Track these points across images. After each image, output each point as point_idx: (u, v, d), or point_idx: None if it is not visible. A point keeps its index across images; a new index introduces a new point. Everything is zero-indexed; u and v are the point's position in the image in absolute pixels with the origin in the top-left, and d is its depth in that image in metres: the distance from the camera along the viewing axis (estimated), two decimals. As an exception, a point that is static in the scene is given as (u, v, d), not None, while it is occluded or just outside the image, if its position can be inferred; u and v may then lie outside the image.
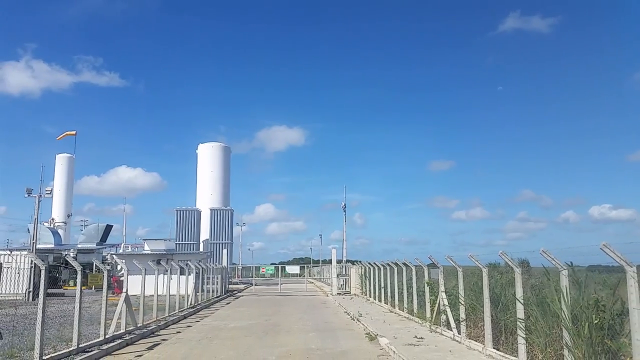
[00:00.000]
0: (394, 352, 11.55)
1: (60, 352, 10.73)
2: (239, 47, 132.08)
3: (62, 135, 57.21)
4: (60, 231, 53.51)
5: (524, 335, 9.48)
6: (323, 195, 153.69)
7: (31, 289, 31.06)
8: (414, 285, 18.27)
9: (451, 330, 13.64)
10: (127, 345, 13.33)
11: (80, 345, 11.54)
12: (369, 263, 29.15)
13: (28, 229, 64.90)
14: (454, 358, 10.75)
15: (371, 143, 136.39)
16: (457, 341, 12.77)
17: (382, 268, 24.58)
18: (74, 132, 55.00)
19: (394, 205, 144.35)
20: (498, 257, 10.72)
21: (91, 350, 11.69)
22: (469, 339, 12.42)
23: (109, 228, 47.25)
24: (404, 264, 19.99)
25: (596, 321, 7.50)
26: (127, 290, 14.86)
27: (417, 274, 18.13)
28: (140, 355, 11.89)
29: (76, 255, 41.85)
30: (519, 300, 9.73)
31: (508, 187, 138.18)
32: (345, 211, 42.74)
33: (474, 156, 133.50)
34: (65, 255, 20.77)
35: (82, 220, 71.62)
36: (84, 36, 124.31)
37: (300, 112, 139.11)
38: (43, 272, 10.10)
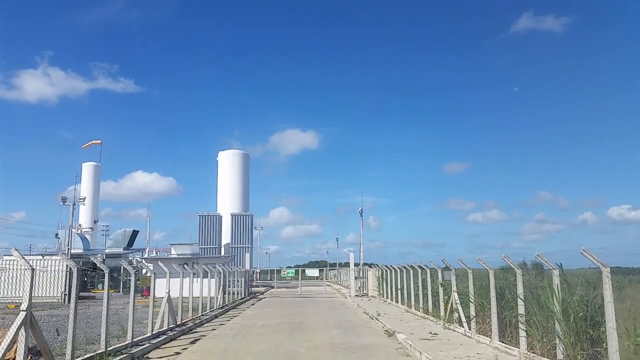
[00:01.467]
0: (411, 345, 12.97)
1: (120, 345, 12.37)
2: (252, 51, 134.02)
3: (87, 144, 59.74)
4: (87, 236, 55.81)
5: (524, 329, 10.85)
6: (337, 198, 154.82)
7: (67, 292, 33.07)
8: (429, 286, 19.64)
9: (463, 327, 15.02)
10: (171, 340, 14.97)
11: (134, 340, 13.19)
12: (386, 266, 30.57)
13: (56, 235, 67.56)
14: (464, 350, 12.15)
15: (384, 146, 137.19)
16: (468, 336, 14.15)
17: (398, 271, 25.97)
18: (99, 141, 57.47)
19: (408, 208, 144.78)
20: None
21: (143, 344, 13.31)
22: (479, 334, 13.79)
23: (135, 233, 49.39)
24: (419, 266, 21.36)
25: (580, 314, 8.87)
26: (168, 291, 16.52)
27: (431, 276, 19.49)
28: (185, 349, 13.50)
29: (104, 259, 43.92)
30: (520, 298, 11.11)
31: (524, 188, 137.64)
32: (362, 216, 44.11)
33: (489, 158, 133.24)
34: (98, 257, 22.49)
35: (104, 225, 74.31)
36: (99, 43, 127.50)
37: (314, 116, 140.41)
38: (103, 276, 11.73)
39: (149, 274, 33.59)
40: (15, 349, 8.68)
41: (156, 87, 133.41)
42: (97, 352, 11.10)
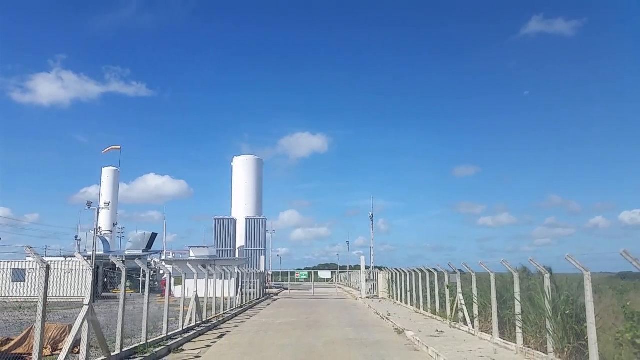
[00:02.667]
0: (419, 341, 14.28)
1: (157, 338, 13.81)
2: (262, 54, 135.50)
3: (107, 149, 61.50)
4: (107, 239, 57.68)
5: (520, 326, 12.12)
6: (347, 201, 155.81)
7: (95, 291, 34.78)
8: (436, 288, 20.90)
9: (467, 326, 16.28)
10: (200, 335, 16.42)
11: (168, 334, 14.64)
12: (396, 269, 31.85)
13: (76, 237, 69.60)
14: (466, 345, 13.42)
15: (394, 149, 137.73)
16: (472, 334, 15.41)
17: (407, 274, 27.24)
18: (119, 147, 59.19)
19: (418, 211, 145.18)
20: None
21: (176, 338, 14.76)
22: (481, 331, 15.04)
23: (154, 236, 51.10)
24: (427, 270, 22.62)
25: (567, 312, 10.13)
26: (196, 290, 17.99)
27: (439, 279, 20.74)
28: (214, 342, 14.93)
29: (124, 260, 45.67)
30: (516, 299, 12.39)
31: (535, 192, 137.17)
32: (372, 220, 45.38)
33: (499, 161, 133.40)
34: (122, 258, 24.04)
35: (119, 228, 76.32)
36: (112, 47, 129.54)
37: (323, 119, 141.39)
38: (123, 274, 13.10)
39: (165, 276, 35.32)
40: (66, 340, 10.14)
41: (167, 91, 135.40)
42: (140, 343, 12.55)
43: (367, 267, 41.64)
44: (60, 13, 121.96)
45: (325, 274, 49.99)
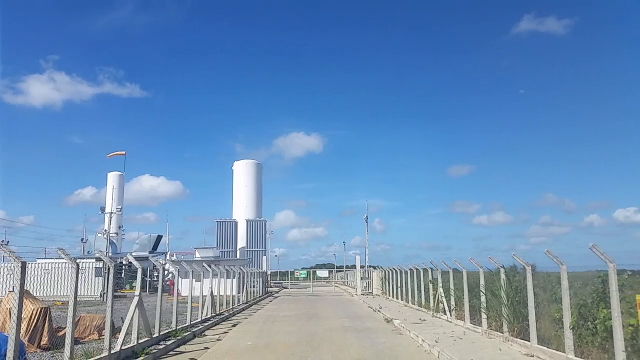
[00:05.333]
0: (403, 327, 16.95)
1: (183, 325, 16.41)
2: (255, 54, 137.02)
3: (112, 154, 63.90)
4: (113, 241, 60.15)
5: (485, 312, 14.82)
6: (343, 201, 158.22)
7: (105, 291, 37.31)
8: (422, 284, 23.60)
9: (446, 315, 18.98)
10: (216, 324, 19.03)
11: (191, 322, 17.24)
12: (388, 268, 34.60)
13: (82, 239, 71.98)
14: (442, 329, 16.09)
15: (389, 148, 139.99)
16: (449, 321, 18.10)
17: (398, 272, 29.96)
18: (123, 152, 61.53)
19: (414, 211, 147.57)
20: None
21: (197, 326, 17.37)
22: (457, 319, 17.74)
23: (159, 238, 53.65)
24: (415, 268, 25.30)
25: (517, 299, 12.82)
26: (211, 287, 20.62)
27: (424, 276, 23.43)
28: (230, 329, 17.55)
29: (131, 262, 48.14)
30: (481, 291, 15.09)
31: (530, 191, 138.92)
32: (367, 222, 48.08)
33: (494, 160, 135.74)
34: (122, 259, 26.56)
35: (122, 229, 78.75)
36: (105, 48, 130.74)
37: (318, 119, 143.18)
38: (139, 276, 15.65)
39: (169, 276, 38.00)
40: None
41: (161, 92, 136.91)
42: (172, 329, 15.17)
43: (362, 266, 44.33)
44: (57, 14, 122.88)
45: (323, 273, 52.77)
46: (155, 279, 38.08)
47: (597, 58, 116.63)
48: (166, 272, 42.54)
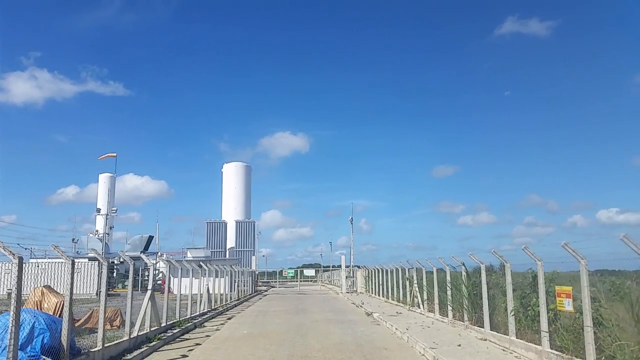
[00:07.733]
0: (381, 319, 19.14)
1: (186, 317, 18.39)
2: (241, 53, 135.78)
3: (103, 156, 65.20)
4: (105, 241, 61.58)
5: (450, 305, 17.07)
6: (329, 201, 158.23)
7: (101, 290, 38.95)
8: (400, 281, 25.85)
9: (420, 308, 21.23)
10: (212, 318, 21.04)
11: (191, 315, 19.23)
12: (371, 267, 36.86)
13: (73, 239, 73.15)
14: (414, 320, 18.31)
15: (376, 149, 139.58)
16: (422, 314, 20.35)
17: (380, 270, 32.21)
18: (114, 154, 62.90)
19: (400, 211, 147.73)
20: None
21: (196, 319, 19.35)
22: (429, 312, 19.99)
23: (150, 238, 55.30)
24: (395, 267, 27.54)
25: (474, 292, 15.07)
26: (207, 284, 22.60)
27: (402, 274, 25.67)
28: (226, 322, 19.57)
29: (123, 261, 49.75)
30: (447, 286, 17.35)
31: (514, 191, 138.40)
32: (352, 223, 50.29)
33: (479, 161, 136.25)
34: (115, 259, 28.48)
35: (112, 229, 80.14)
36: (90, 46, 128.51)
37: (304, 119, 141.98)
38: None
39: (160, 275, 39.73)
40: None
41: (145, 91, 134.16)
42: (176, 320, 17.16)
43: (347, 266, 46.55)
44: (36, 10, 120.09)
45: (310, 272, 54.90)
46: (146, 278, 39.86)
47: (579, 60, 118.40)
48: (156, 272, 44.40)
